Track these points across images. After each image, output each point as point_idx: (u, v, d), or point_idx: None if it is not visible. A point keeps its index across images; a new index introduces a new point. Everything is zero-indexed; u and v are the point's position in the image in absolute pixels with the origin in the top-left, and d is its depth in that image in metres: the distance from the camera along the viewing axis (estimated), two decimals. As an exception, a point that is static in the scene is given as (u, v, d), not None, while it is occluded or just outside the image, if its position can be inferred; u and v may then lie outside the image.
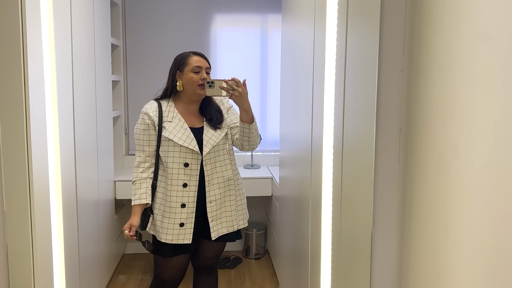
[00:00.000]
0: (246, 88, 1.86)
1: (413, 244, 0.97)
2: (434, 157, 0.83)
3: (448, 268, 0.85)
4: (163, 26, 3.46)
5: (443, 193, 0.82)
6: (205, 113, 1.99)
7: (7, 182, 1.37)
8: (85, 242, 2.34)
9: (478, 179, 0.75)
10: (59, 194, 1.83)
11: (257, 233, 3.47)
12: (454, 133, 0.77)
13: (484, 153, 0.74)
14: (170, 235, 1.93)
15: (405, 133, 1.02)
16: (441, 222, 0.83)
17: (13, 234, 1.39)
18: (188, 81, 1.92)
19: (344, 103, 1.35)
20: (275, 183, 3.09)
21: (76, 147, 2.16)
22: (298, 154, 2.25)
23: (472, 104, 0.74)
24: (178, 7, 3.46)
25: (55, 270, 1.70)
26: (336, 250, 1.51)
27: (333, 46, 1.50)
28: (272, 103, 3.59)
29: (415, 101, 0.92)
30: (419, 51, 0.90)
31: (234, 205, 2.03)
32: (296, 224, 2.32)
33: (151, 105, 1.97)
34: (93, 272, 2.55)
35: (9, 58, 1.35)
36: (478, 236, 0.77)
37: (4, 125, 1.35)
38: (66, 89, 2.03)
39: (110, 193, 3.01)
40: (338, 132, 1.44)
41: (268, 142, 3.62)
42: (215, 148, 1.96)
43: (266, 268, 3.29)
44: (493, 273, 0.78)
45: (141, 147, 1.95)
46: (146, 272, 3.21)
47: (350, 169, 1.33)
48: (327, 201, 1.63)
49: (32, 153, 1.41)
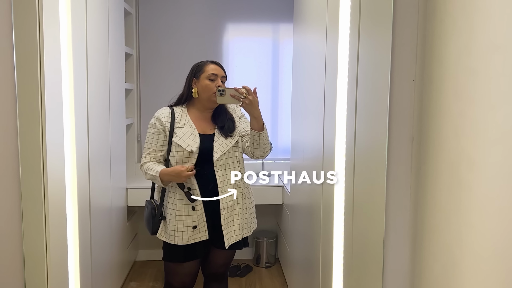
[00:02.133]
0: (257, 96, 1.87)
1: (425, 253, 0.97)
2: (446, 166, 0.83)
3: (460, 277, 0.85)
4: (176, 36, 3.51)
5: (456, 203, 0.82)
6: (217, 120, 2.02)
7: (25, 189, 1.39)
8: (98, 248, 2.36)
9: (491, 189, 0.75)
10: (75, 201, 1.85)
11: (267, 241, 3.46)
12: (466, 143, 0.78)
13: (497, 163, 0.74)
14: (186, 237, 1.95)
15: (418, 142, 1.02)
16: (454, 232, 0.83)
17: (30, 241, 1.42)
18: (203, 88, 1.95)
19: (356, 112, 1.36)
20: (286, 191, 3.09)
21: (90, 155, 2.19)
22: (310, 162, 2.25)
23: (484, 113, 0.74)
24: (191, 16, 3.51)
25: (70, 276, 1.72)
26: (348, 259, 1.50)
27: (345, 55, 1.51)
28: (283, 111, 3.60)
29: (427, 110, 0.93)
30: (431, 61, 0.91)
31: (241, 213, 2.04)
32: (307, 233, 2.31)
33: (164, 111, 2.01)
34: (106, 278, 2.57)
35: (26, 66, 1.38)
36: (491, 247, 0.77)
37: (22, 132, 1.38)
38: (81, 97, 2.06)
39: (123, 200, 3.04)
40: (350, 140, 1.44)
41: (279, 150, 3.62)
42: (225, 155, 1.97)
43: (276, 277, 3.27)
44: (506, 284, 0.77)
45: (148, 150, 1.98)
46: (157, 279, 3.22)
47: (362, 178, 1.33)
48: (339, 209, 1.63)
49: (48, 160, 1.43)
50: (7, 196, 1.39)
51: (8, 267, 1.41)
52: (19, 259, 1.41)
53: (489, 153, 0.74)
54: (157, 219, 2.02)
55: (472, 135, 0.78)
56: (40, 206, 1.43)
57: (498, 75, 0.73)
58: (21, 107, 1.38)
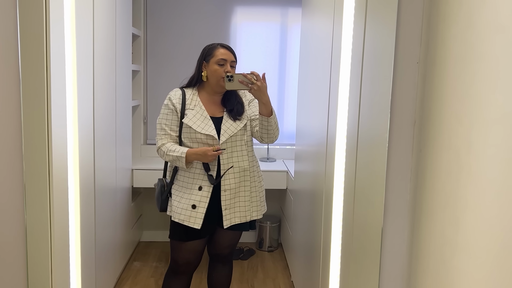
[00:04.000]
0: (266, 82, 1.87)
1: (423, 236, 0.97)
2: (446, 150, 0.83)
3: (457, 261, 0.85)
4: (184, 18, 3.49)
5: (454, 187, 0.81)
6: (226, 104, 2.03)
7: (27, 167, 1.41)
8: (102, 228, 2.39)
9: (489, 173, 0.75)
10: (77, 180, 1.87)
11: (271, 225, 3.48)
12: (467, 126, 0.77)
13: (496, 146, 0.73)
14: (183, 215, 1.98)
15: (419, 126, 1.01)
16: (452, 215, 0.83)
17: (33, 218, 1.44)
18: (212, 73, 1.96)
19: (360, 96, 1.35)
20: (290, 176, 3.10)
21: (95, 135, 2.21)
22: (314, 148, 2.25)
23: (486, 96, 0.73)
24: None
25: (71, 254, 1.74)
26: (347, 243, 1.51)
27: (350, 39, 1.50)
28: (290, 97, 3.59)
29: (430, 94, 0.92)
30: (435, 43, 0.90)
31: (249, 196, 2.05)
32: (309, 217, 2.32)
33: (175, 92, 2.03)
34: (109, 258, 2.60)
35: (32, 46, 1.38)
36: (488, 229, 0.77)
37: (26, 111, 1.39)
38: (87, 78, 2.07)
39: (128, 181, 3.06)
40: (353, 125, 1.44)
41: (284, 135, 3.62)
42: (232, 138, 1.98)
43: (279, 261, 3.30)
44: (502, 266, 0.77)
45: (163, 130, 2.00)
46: (160, 259, 3.26)
47: (364, 162, 1.33)
48: (339, 193, 1.64)
49: (52, 139, 1.44)
50: (11, 174, 1.40)
51: (11, 246, 1.43)
52: (21, 238, 1.43)
53: (489, 137, 0.74)
54: (165, 197, 2.08)
55: (472, 118, 0.77)
56: (44, 185, 1.44)
57: (502, 56, 0.72)
58: (25, 87, 1.38)
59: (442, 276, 0.91)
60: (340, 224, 1.61)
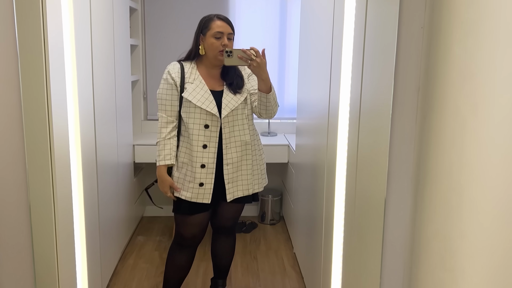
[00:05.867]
0: (265, 58, 1.85)
1: (427, 204, 0.97)
2: (451, 116, 0.81)
3: (462, 227, 0.85)
4: (181, -10, 3.42)
5: (459, 153, 0.81)
6: (226, 77, 2.01)
7: (29, 140, 1.40)
8: (105, 203, 2.40)
9: (496, 138, 0.74)
10: (79, 156, 1.87)
11: (272, 199, 3.50)
12: (472, 88, 0.76)
13: (503, 111, 0.72)
14: (190, 193, 1.98)
15: (424, 93, 1.00)
16: (456, 183, 0.83)
17: (35, 193, 1.43)
18: (209, 47, 1.93)
19: (363, 64, 1.33)
20: (292, 150, 3.10)
21: (95, 111, 2.19)
22: (315, 121, 2.24)
23: (491, 60, 0.72)
24: (196, -30, 3.40)
25: (76, 229, 1.76)
26: (350, 213, 1.52)
27: (353, 4, 1.46)
28: (291, 70, 3.55)
29: (435, 59, 0.90)
30: (440, 7, 0.87)
31: (250, 169, 2.06)
32: (311, 190, 2.33)
33: (174, 66, 2.00)
34: (113, 232, 2.63)
35: (29, 20, 1.35)
36: (494, 196, 0.77)
37: (25, 88, 1.37)
38: (85, 52, 2.04)
39: (129, 156, 3.06)
40: (356, 94, 1.42)
41: (285, 109, 3.60)
42: (233, 112, 1.97)
43: (281, 234, 3.34)
44: (507, 229, 0.77)
45: (163, 106, 1.98)
46: (164, 234, 3.29)
47: (367, 130, 1.32)
48: (342, 164, 1.63)
49: (52, 115, 1.43)
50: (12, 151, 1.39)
51: (15, 225, 1.43)
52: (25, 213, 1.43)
53: (495, 99, 0.73)
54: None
55: (478, 81, 0.75)
56: (46, 159, 1.44)
57: (506, 19, 0.70)
58: (23, 64, 1.36)
59: (446, 244, 0.91)
60: (343, 194, 1.61)
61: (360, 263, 1.41)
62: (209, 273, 2.61)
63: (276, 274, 2.72)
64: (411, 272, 1.12)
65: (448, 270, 0.89)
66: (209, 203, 2.02)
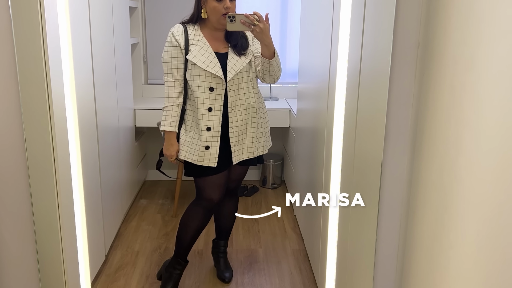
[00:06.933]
0: (268, 23, 1.81)
1: (424, 163, 0.97)
2: (450, 71, 0.80)
3: (458, 185, 0.85)
4: (180, -51, 3.32)
5: (457, 109, 0.80)
6: (230, 39, 1.98)
7: (25, 103, 1.39)
8: (106, 166, 2.42)
9: (493, 93, 0.73)
10: (76, 119, 1.86)
11: (274, 163, 3.53)
12: (472, 46, 0.74)
13: (500, 65, 0.71)
14: (196, 156, 2.00)
15: (423, 48, 0.98)
16: (454, 139, 0.82)
17: (34, 156, 1.44)
18: (211, 10, 1.89)
19: (364, 21, 1.30)
20: (293, 114, 3.09)
21: (94, 74, 2.18)
22: (316, 86, 2.22)
23: (491, 14, 0.70)
24: None
25: (75, 190, 1.77)
26: (348, 175, 1.53)
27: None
28: (292, 35, 3.49)
29: (435, 15, 0.88)
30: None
31: (255, 132, 2.07)
32: (312, 154, 2.34)
33: (177, 28, 1.97)
34: (115, 196, 2.67)
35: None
36: (490, 149, 0.77)
37: (20, 47, 1.35)
38: (82, 15, 2.00)
39: (130, 120, 3.06)
40: (356, 53, 1.40)
41: (287, 74, 3.56)
42: (238, 75, 1.96)
43: (281, 197, 3.38)
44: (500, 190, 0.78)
45: (169, 70, 1.97)
46: (166, 197, 3.34)
47: (366, 89, 1.31)
48: (340, 124, 1.64)
49: (51, 76, 1.42)
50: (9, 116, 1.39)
51: (14, 192, 1.42)
52: (24, 176, 1.43)
53: (493, 54, 0.71)
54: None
55: (478, 36, 0.74)
56: (45, 121, 1.43)
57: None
58: (17, 25, 1.34)
59: (442, 202, 0.92)
60: (340, 154, 1.62)
61: (357, 224, 1.43)
62: (211, 235, 2.66)
63: (276, 236, 2.78)
64: (406, 228, 1.14)
65: (446, 218, 0.91)
66: (222, 165, 2.02)
